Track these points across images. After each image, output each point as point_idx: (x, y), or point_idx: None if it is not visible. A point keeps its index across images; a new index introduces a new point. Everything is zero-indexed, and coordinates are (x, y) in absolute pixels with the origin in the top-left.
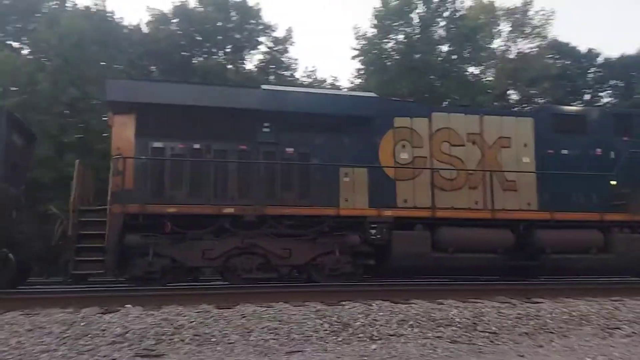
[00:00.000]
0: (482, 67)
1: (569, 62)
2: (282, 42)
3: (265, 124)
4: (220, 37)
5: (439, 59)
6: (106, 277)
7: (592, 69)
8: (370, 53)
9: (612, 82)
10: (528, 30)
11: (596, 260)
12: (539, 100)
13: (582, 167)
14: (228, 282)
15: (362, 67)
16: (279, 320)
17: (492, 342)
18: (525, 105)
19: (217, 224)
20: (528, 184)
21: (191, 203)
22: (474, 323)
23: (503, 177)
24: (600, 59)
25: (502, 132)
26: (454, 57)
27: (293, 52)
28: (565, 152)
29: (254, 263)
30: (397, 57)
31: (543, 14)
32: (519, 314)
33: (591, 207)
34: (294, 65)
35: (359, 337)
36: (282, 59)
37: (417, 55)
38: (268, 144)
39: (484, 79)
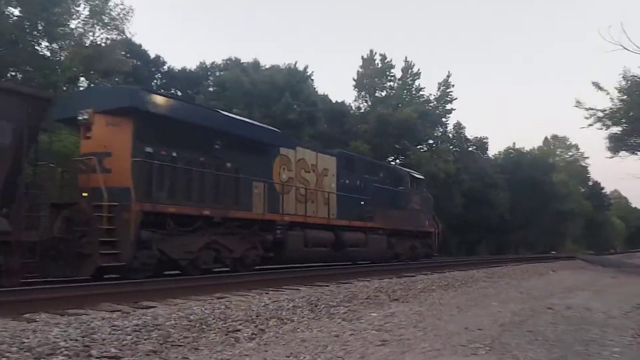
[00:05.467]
0: (57, 46)
1: (139, 63)
2: None
3: (218, 141)
4: None
5: (9, 22)
6: None
7: (158, 75)
8: None
9: (173, 90)
10: (106, 20)
11: (363, 251)
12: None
13: (353, 192)
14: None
15: None
16: None
17: None
18: None
19: (198, 223)
20: (333, 201)
21: (168, 204)
22: (86, 346)
23: (324, 195)
24: (165, 67)
25: (324, 165)
26: (27, 24)
27: None
28: (347, 182)
29: (211, 256)
30: None
31: (123, 8)
32: (136, 325)
33: (358, 218)
34: None
35: None
36: None
37: None
38: (217, 158)
39: (58, 58)
